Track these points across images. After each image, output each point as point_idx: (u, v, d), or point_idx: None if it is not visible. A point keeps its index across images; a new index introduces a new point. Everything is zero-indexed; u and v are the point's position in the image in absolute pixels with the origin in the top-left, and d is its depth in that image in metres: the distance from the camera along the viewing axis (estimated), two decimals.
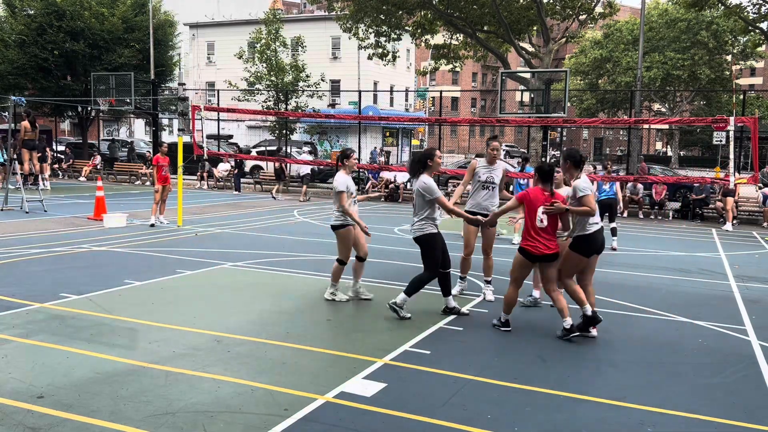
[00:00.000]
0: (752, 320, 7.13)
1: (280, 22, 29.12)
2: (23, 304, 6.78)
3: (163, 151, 13.48)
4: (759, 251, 12.67)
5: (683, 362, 5.67)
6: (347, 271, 7.60)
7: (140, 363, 5.12)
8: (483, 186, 7.63)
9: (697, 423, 4.40)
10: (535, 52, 24.24)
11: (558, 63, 56.32)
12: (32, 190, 16.95)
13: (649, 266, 10.33)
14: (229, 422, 4.12)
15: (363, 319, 6.70)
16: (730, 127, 11.48)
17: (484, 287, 7.84)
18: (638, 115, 24.43)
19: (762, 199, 17.47)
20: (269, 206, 17.96)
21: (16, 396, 4.42)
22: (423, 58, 53.02)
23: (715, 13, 38.31)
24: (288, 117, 25.42)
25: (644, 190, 18.96)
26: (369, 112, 37.72)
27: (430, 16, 25.00)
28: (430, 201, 6.57)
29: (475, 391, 4.79)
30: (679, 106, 47.56)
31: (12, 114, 15.93)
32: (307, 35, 31.75)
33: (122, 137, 44.93)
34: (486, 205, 7.57)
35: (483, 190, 7.63)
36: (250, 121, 39.00)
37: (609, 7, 24.59)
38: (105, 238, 11.31)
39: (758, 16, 24.64)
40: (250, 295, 7.63)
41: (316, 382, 4.84)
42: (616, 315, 7.20)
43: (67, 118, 38.78)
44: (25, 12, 27.83)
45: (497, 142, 7.73)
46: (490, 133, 68.75)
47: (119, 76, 23.40)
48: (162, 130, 35.32)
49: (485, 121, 18.15)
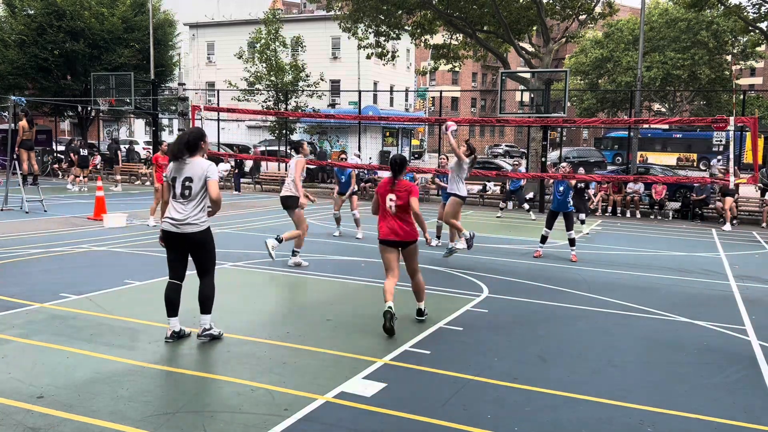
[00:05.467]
0: (752, 320, 7.13)
1: (280, 22, 29.12)
2: (23, 304, 6.78)
3: (164, 150, 13.47)
4: (759, 251, 12.67)
5: (683, 362, 5.67)
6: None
7: (140, 363, 5.12)
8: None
9: (697, 423, 4.40)
10: (535, 52, 24.22)
11: (558, 63, 56.32)
12: (32, 189, 16.94)
13: (649, 266, 10.33)
14: (229, 422, 4.12)
15: (363, 319, 6.70)
16: (730, 127, 11.46)
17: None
18: (638, 115, 24.42)
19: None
20: (269, 206, 17.95)
21: (16, 396, 4.42)
22: (423, 58, 52.98)
23: (715, 13, 38.30)
24: (288, 117, 25.42)
25: (644, 190, 18.97)
26: (369, 112, 37.71)
27: (429, 16, 24.98)
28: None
29: (475, 391, 4.79)
30: (679, 106, 47.53)
31: (12, 114, 15.92)
32: (307, 35, 31.75)
33: (122, 137, 44.93)
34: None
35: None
36: (250, 121, 39.00)
37: (609, 7, 24.57)
38: (105, 238, 11.30)
39: (758, 16, 24.64)
40: (250, 295, 7.63)
41: (316, 382, 4.84)
42: (616, 315, 7.20)
43: (67, 118, 38.78)
44: (25, 12, 27.83)
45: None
46: (490, 133, 68.86)
47: (119, 76, 23.38)
48: (162, 130, 35.30)
49: (485, 121, 18.15)
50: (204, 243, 5.61)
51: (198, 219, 5.52)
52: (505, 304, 7.50)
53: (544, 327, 6.61)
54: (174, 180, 5.56)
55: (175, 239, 5.58)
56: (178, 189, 5.52)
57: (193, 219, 5.50)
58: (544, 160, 19.62)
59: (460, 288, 8.22)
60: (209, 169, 5.53)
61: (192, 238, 5.55)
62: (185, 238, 5.55)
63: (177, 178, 5.54)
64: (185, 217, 5.49)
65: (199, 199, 5.52)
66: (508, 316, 7.03)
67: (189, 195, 5.50)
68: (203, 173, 5.50)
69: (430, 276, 8.94)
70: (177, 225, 5.51)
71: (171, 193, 5.61)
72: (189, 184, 5.50)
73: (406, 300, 7.57)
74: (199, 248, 5.62)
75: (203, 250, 5.65)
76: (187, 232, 5.51)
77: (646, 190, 18.92)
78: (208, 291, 5.71)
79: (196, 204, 5.51)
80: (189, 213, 5.50)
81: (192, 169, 5.52)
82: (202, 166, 5.53)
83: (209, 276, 5.73)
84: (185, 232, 5.51)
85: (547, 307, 7.44)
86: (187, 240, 5.55)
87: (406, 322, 6.54)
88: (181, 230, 5.51)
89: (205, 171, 5.51)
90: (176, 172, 5.56)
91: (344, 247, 11.32)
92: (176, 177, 5.54)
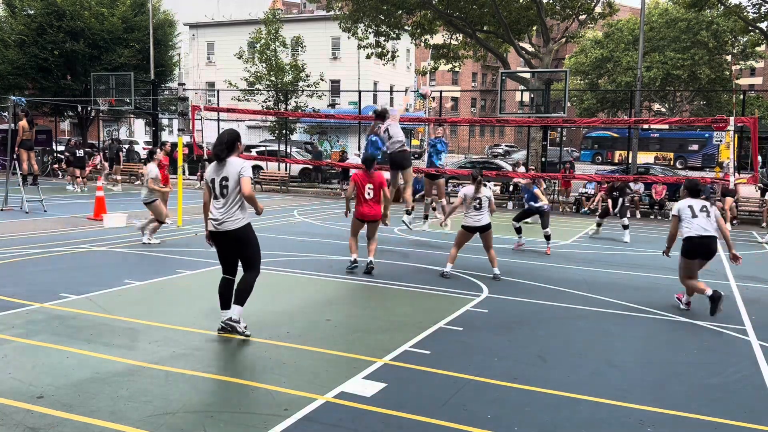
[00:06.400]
0: (752, 320, 7.13)
1: (280, 22, 29.11)
2: (23, 304, 6.78)
3: (165, 150, 13.48)
4: (759, 251, 12.67)
5: (683, 362, 5.67)
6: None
7: (140, 363, 5.12)
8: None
9: (697, 423, 4.40)
10: (535, 52, 24.22)
11: (558, 63, 56.29)
12: (32, 189, 16.93)
13: (649, 266, 10.33)
14: (229, 422, 4.12)
15: (363, 319, 6.70)
16: (730, 127, 11.45)
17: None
18: (638, 115, 24.43)
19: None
20: (269, 206, 17.95)
21: (16, 396, 4.42)
22: (423, 58, 52.96)
23: (715, 13, 38.31)
24: (288, 117, 25.41)
25: (644, 190, 18.97)
26: (369, 112, 37.66)
27: (429, 16, 24.99)
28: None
29: (475, 391, 4.79)
30: (679, 106, 47.54)
31: (12, 114, 15.92)
32: (307, 35, 31.73)
33: (122, 137, 44.92)
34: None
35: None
36: (250, 121, 38.98)
37: (608, 7, 24.58)
38: (105, 238, 11.30)
39: (758, 16, 24.65)
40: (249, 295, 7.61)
41: (316, 382, 4.84)
42: (616, 315, 7.20)
43: (67, 118, 38.78)
44: (25, 12, 27.83)
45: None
46: (490, 133, 68.83)
47: (119, 76, 23.39)
48: (162, 130, 35.30)
49: (485, 121, 18.15)
50: (244, 239, 5.82)
51: (236, 216, 5.74)
52: (505, 304, 7.50)
53: (544, 327, 6.61)
54: (213, 181, 5.79)
55: (218, 238, 5.84)
56: (216, 189, 5.76)
57: (231, 217, 5.73)
58: (543, 160, 19.63)
59: (460, 288, 8.22)
60: (243, 166, 5.74)
61: (233, 235, 5.77)
62: (226, 236, 5.78)
63: (215, 179, 5.77)
64: (224, 215, 5.73)
65: (234, 196, 5.72)
66: (508, 316, 7.03)
67: (226, 194, 5.73)
68: (238, 171, 5.70)
69: (430, 276, 8.95)
70: (217, 224, 5.77)
71: (212, 194, 5.82)
72: (225, 183, 5.72)
73: (406, 299, 7.58)
74: (240, 244, 5.85)
75: (244, 246, 5.87)
76: (227, 230, 5.74)
77: (646, 190, 18.93)
78: (244, 284, 5.90)
79: (233, 202, 5.73)
80: (227, 211, 5.72)
81: (228, 169, 5.74)
82: (237, 164, 5.74)
83: (253, 271, 5.94)
84: (225, 229, 5.74)
85: (547, 307, 7.44)
86: (228, 237, 5.79)
87: (406, 322, 6.54)
88: (221, 228, 5.76)
89: (239, 169, 5.71)
90: (215, 173, 5.79)
91: (343, 248, 11.30)
92: (214, 178, 5.77)
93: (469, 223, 8.91)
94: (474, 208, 8.83)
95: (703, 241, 7.28)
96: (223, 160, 5.74)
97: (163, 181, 13.07)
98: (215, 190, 5.75)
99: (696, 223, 7.31)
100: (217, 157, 5.77)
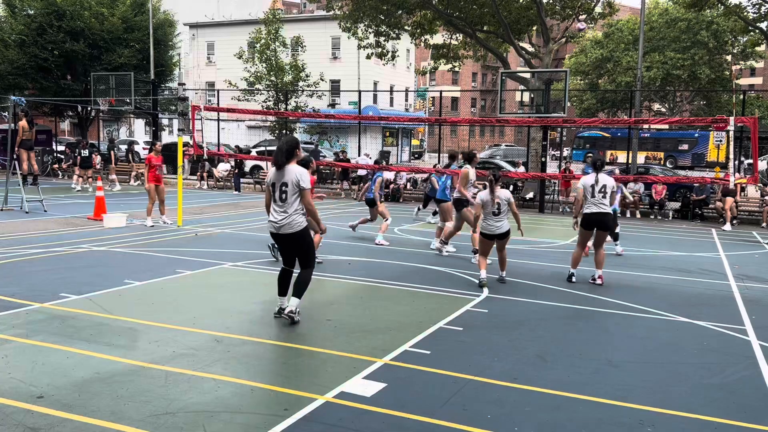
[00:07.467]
0: (752, 320, 7.13)
1: (280, 22, 29.12)
2: (23, 304, 6.78)
3: (157, 150, 13.51)
4: (759, 251, 12.67)
5: (683, 362, 5.67)
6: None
7: (140, 363, 5.12)
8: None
9: (697, 423, 4.40)
10: (535, 52, 24.22)
11: (558, 63, 56.30)
12: (32, 189, 16.94)
13: (649, 266, 10.33)
14: (229, 422, 4.12)
15: (363, 319, 6.71)
16: (730, 127, 11.46)
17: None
18: (638, 115, 24.43)
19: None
20: None
21: (16, 396, 4.42)
22: (423, 58, 53.00)
23: (715, 13, 38.31)
24: (288, 117, 25.42)
25: (644, 190, 18.97)
26: (369, 112, 37.74)
27: (429, 16, 24.98)
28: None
29: (475, 391, 4.79)
30: (679, 106, 47.55)
31: (12, 114, 15.92)
32: (307, 35, 31.74)
33: (122, 137, 44.94)
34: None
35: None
36: (250, 121, 39.00)
37: (608, 7, 24.57)
38: (105, 238, 11.30)
39: (758, 16, 24.65)
40: (250, 295, 7.63)
41: (316, 382, 4.84)
42: (616, 315, 7.20)
43: (67, 118, 38.79)
44: (25, 12, 27.84)
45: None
46: (490, 133, 68.86)
47: (119, 76, 23.41)
48: (162, 130, 35.32)
49: (485, 121, 18.15)
50: (301, 241, 6.28)
51: (293, 221, 6.17)
52: (505, 304, 7.50)
53: (544, 327, 6.61)
54: (273, 185, 6.21)
55: (278, 238, 6.35)
56: (276, 194, 6.18)
57: (289, 221, 6.17)
58: (543, 160, 19.63)
59: (460, 288, 8.22)
60: (302, 176, 6.13)
61: (290, 238, 6.24)
62: (284, 237, 6.27)
63: (276, 184, 6.18)
64: (282, 219, 6.17)
65: (292, 202, 6.15)
66: (508, 316, 7.03)
67: (285, 199, 6.16)
68: (296, 180, 6.12)
69: (430, 276, 8.95)
70: (277, 227, 6.21)
71: (272, 197, 6.24)
72: (285, 189, 6.14)
73: (406, 299, 7.57)
74: (296, 246, 6.32)
75: (300, 248, 6.33)
76: (285, 233, 6.22)
77: (646, 190, 18.93)
78: (301, 278, 6.36)
79: (291, 207, 6.15)
80: (285, 216, 6.16)
81: (288, 176, 6.13)
82: (295, 172, 6.14)
83: (309, 268, 6.41)
84: (284, 233, 6.22)
85: (547, 307, 7.44)
86: (286, 239, 6.27)
87: (406, 322, 6.55)
88: (280, 231, 6.23)
89: (298, 177, 6.11)
90: (276, 178, 6.19)
91: (344, 247, 11.31)
92: (275, 183, 6.18)
93: (488, 230, 8.53)
94: (492, 214, 8.45)
95: (598, 217, 8.65)
96: (282, 167, 6.11)
97: (152, 180, 13.09)
98: (275, 194, 6.17)
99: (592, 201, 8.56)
100: (277, 165, 6.14)
